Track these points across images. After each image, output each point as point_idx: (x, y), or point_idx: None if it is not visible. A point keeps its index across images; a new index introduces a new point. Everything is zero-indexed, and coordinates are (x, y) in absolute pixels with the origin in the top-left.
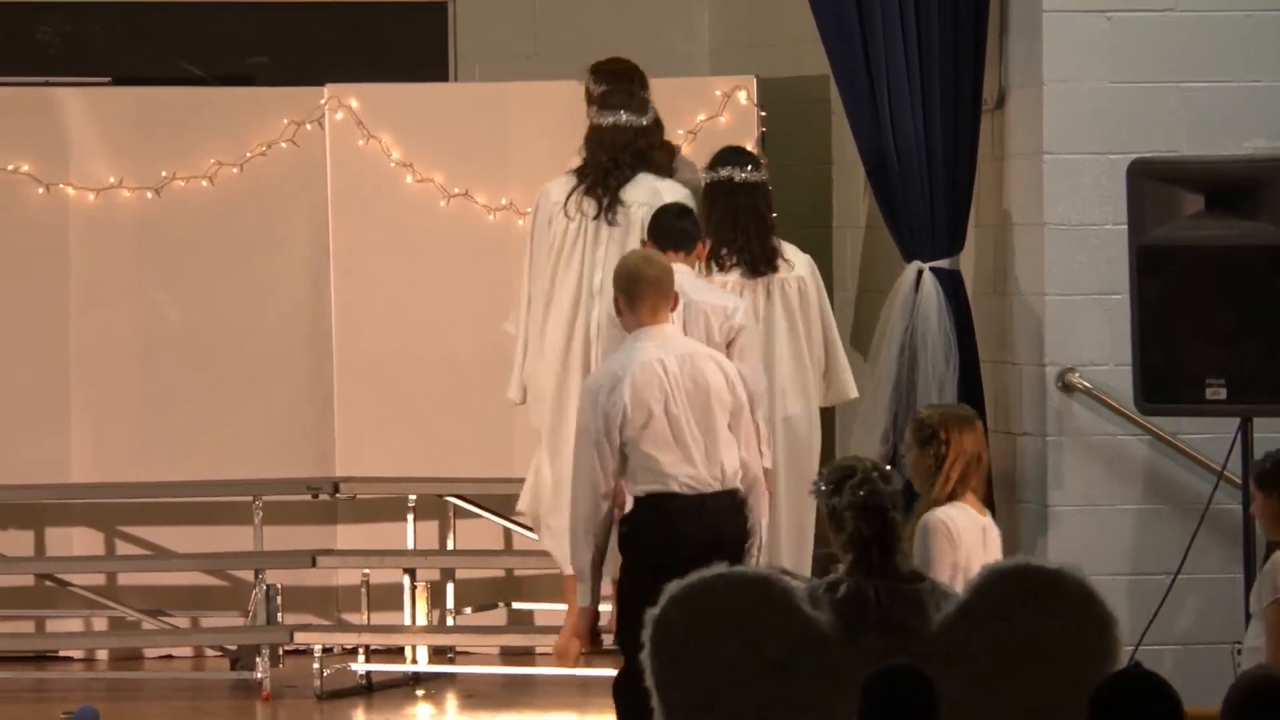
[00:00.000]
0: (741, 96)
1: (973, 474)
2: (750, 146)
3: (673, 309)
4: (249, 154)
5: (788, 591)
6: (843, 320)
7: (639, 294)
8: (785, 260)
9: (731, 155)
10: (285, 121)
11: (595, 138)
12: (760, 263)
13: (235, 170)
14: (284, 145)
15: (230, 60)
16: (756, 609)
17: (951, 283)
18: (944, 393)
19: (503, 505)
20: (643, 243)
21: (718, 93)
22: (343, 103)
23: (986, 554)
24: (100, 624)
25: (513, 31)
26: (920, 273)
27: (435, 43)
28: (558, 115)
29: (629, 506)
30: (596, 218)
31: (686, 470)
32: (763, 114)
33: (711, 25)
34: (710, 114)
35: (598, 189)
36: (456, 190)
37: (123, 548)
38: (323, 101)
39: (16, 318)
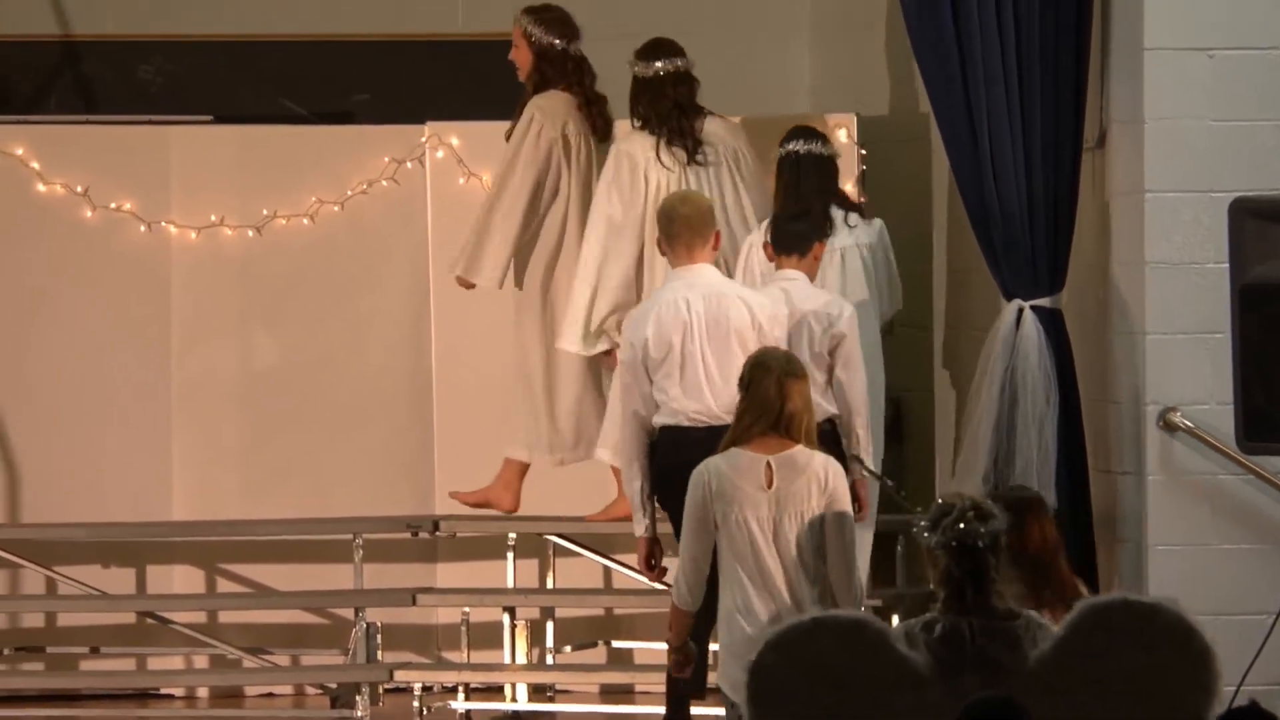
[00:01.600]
0: (842, 134)
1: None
2: (850, 184)
3: (714, 247)
4: (350, 192)
5: (883, 633)
6: (945, 360)
7: (674, 232)
8: (850, 228)
9: (798, 132)
10: (386, 159)
11: (653, 88)
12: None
13: (336, 208)
14: (385, 183)
15: (332, 98)
16: (852, 651)
17: (1052, 321)
18: (1044, 432)
19: (603, 543)
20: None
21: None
22: (443, 140)
23: None
24: (201, 661)
25: (612, 69)
26: (1021, 311)
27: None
28: None
29: None
30: (689, 164)
31: (694, 405)
32: (863, 151)
33: (812, 63)
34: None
35: (679, 136)
36: None
37: (224, 585)
38: (423, 139)
39: (119, 355)
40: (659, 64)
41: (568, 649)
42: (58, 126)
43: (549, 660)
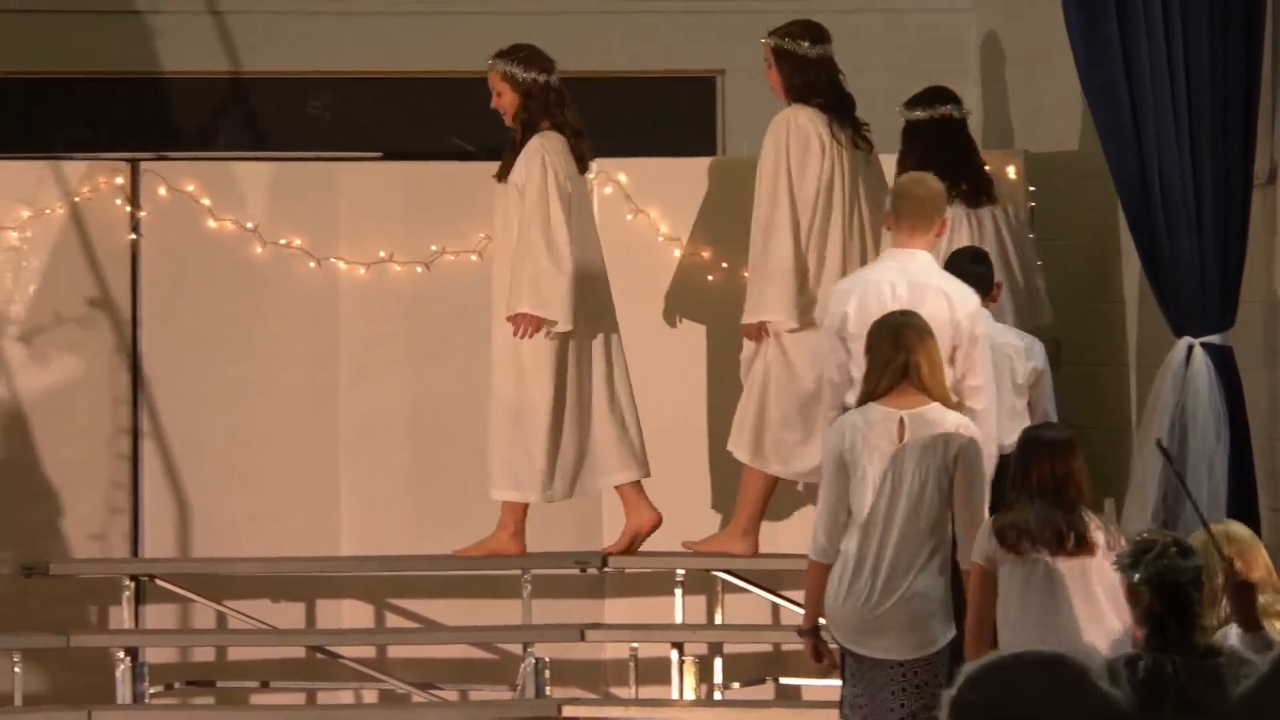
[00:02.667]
0: (1010, 171)
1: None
2: (1018, 221)
3: (939, 234)
4: None
5: (1084, 669)
6: (1115, 396)
7: (901, 210)
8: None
9: (926, 95)
10: None
11: (825, 67)
12: (981, 194)
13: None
14: None
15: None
16: (1052, 688)
17: (1222, 358)
18: (1214, 469)
19: (771, 580)
20: None
21: (986, 168)
22: (611, 177)
23: None
24: (370, 696)
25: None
26: (1190, 348)
27: (703, 116)
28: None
29: None
30: (856, 146)
31: None
32: (1031, 188)
33: (981, 100)
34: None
35: (846, 116)
36: (724, 264)
37: (392, 620)
38: (591, 176)
39: (288, 390)
40: (826, 49)
41: (735, 685)
42: (228, 163)
43: (717, 696)
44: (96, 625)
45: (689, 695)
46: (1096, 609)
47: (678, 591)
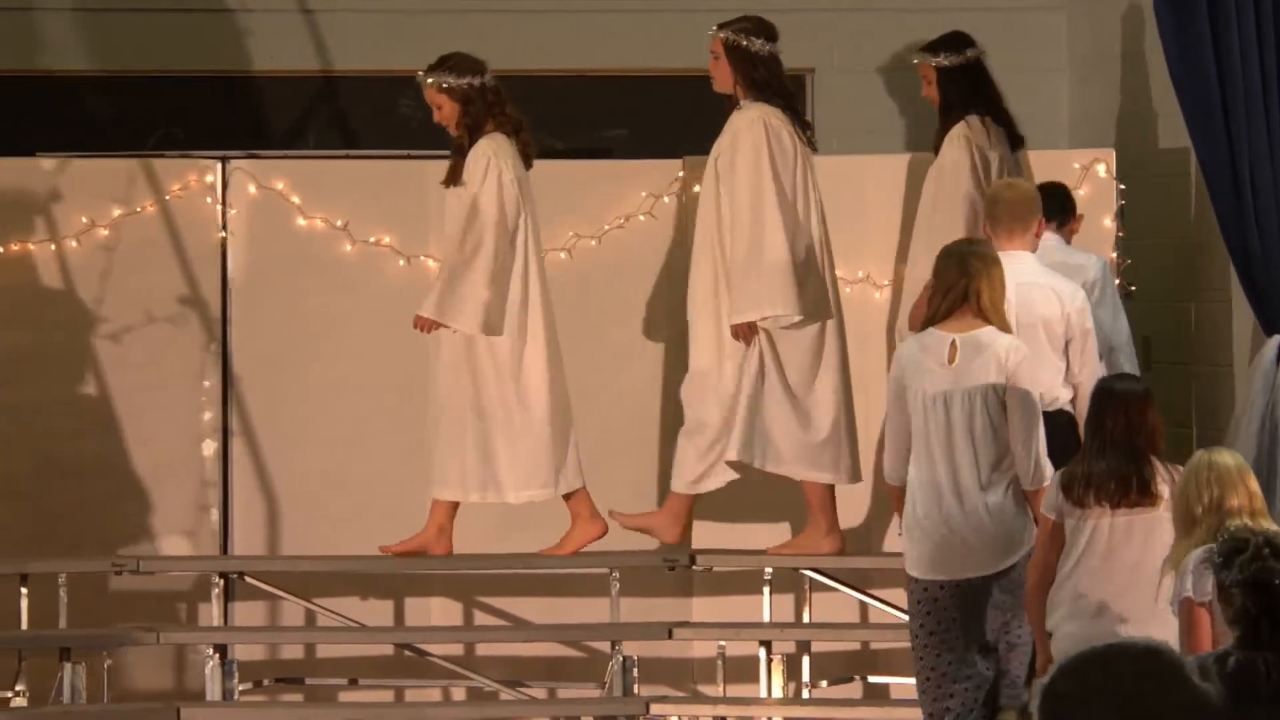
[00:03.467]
0: (1100, 169)
1: None
2: (1109, 220)
3: (1037, 234)
4: (607, 226)
5: (1177, 663)
6: (1206, 395)
7: (996, 215)
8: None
9: (951, 40)
10: (643, 194)
11: (776, 66)
12: (1017, 136)
13: (593, 242)
14: (641, 218)
15: (589, 133)
16: (1146, 680)
17: None
18: None
19: (859, 578)
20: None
21: (1076, 165)
22: (697, 176)
23: None
24: (459, 694)
25: (869, 104)
26: None
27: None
28: (915, 187)
29: None
30: (806, 145)
31: None
32: (1121, 187)
33: (1071, 98)
34: (1069, 187)
35: (799, 116)
36: None
37: (480, 618)
38: (679, 174)
39: (377, 387)
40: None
41: (824, 684)
42: (318, 161)
43: (805, 695)
44: (186, 622)
45: (777, 694)
46: (1158, 563)
47: (766, 590)
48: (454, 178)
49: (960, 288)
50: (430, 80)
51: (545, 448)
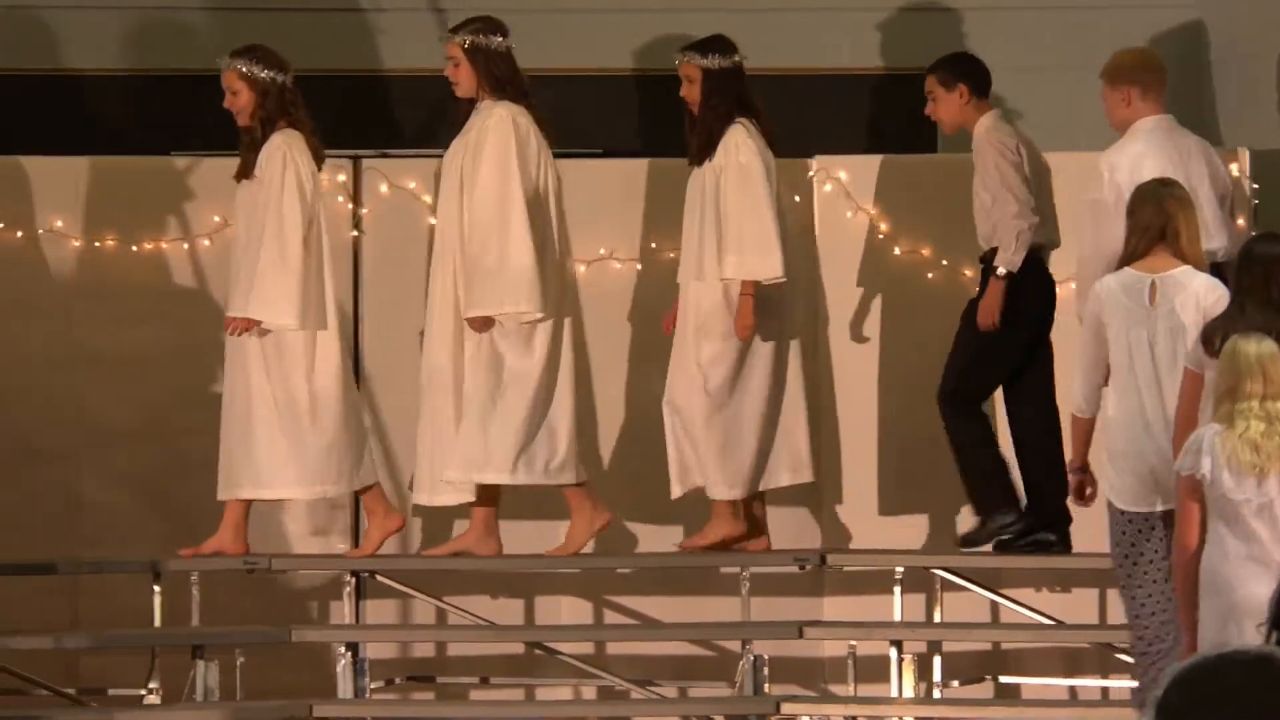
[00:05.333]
0: (1234, 168)
1: None
2: (1241, 219)
3: None
4: None
5: None
6: None
7: (1149, 81)
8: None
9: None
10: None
11: (513, 63)
12: None
13: None
14: None
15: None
16: (1261, 689)
17: None
18: None
19: (990, 578)
20: None
21: None
22: (831, 174)
23: None
24: (589, 693)
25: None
26: None
27: (921, 114)
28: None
29: None
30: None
31: None
32: (1255, 186)
33: (1203, 96)
34: None
35: (541, 111)
36: (944, 262)
37: (610, 617)
38: (811, 174)
39: None
40: None
41: (955, 684)
42: None
43: (935, 694)
44: (318, 620)
45: (908, 693)
46: None
47: (897, 589)
48: (246, 171)
49: (1157, 227)
50: (234, 65)
51: (341, 443)
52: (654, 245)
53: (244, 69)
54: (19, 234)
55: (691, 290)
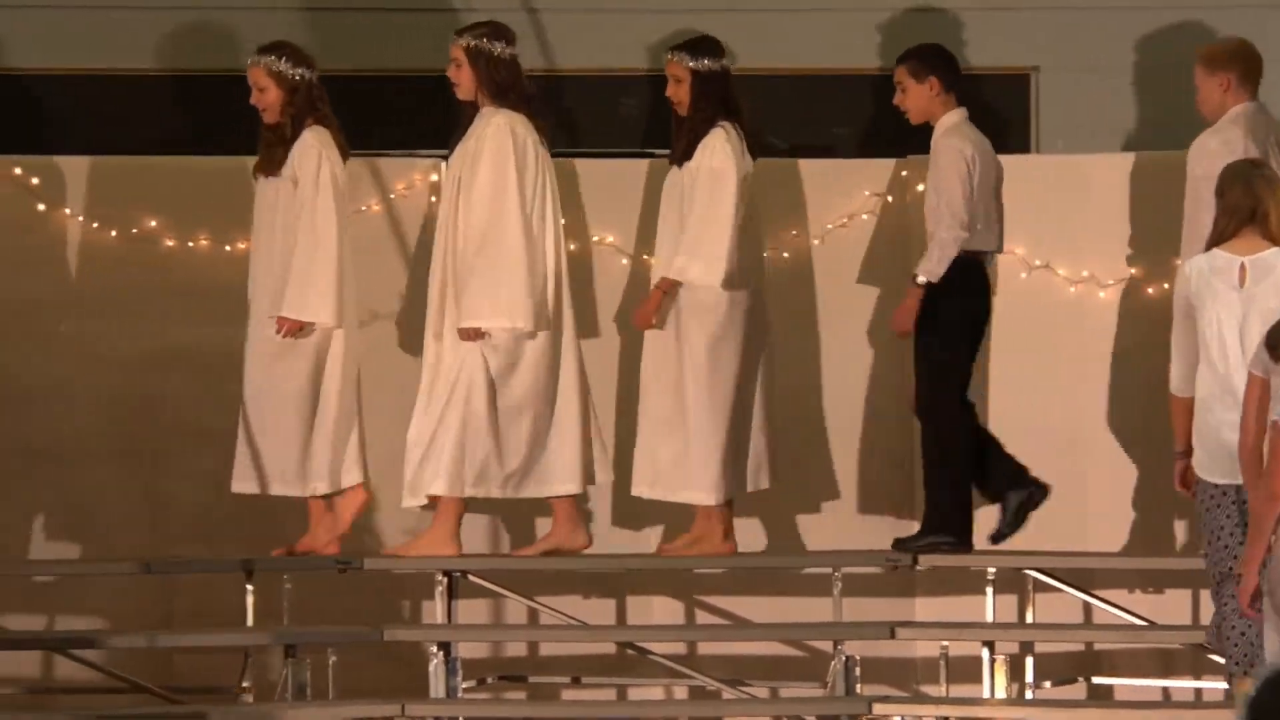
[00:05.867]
0: None
1: None
2: None
3: None
4: (830, 225)
5: None
6: None
7: (1248, 71)
8: None
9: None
10: (866, 193)
11: (518, 70)
12: None
13: (816, 242)
14: (864, 217)
15: (812, 131)
16: None
17: None
18: None
19: (1083, 579)
20: None
21: None
22: (922, 175)
23: None
24: (680, 693)
25: (1095, 103)
26: None
27: (1018, 114)
28: (1140, 187)
29: None
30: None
31: None
32: None
33: None
34: None
35: (541, 120)
36: (1038, 262)
37: (702, 617)
38: (903, 174)
39: (605, 382)
40: None
41: (1047, 684)
42: None
43: (1028, 695)
44: (410, 620)
45: (1000, 694)
46: None
47: (989, 590)
48: (273, 167)
49: (1247, 209)
50: (262, 62)
51: (340, 441)
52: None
53: (273, 66)
54: (112, 233)
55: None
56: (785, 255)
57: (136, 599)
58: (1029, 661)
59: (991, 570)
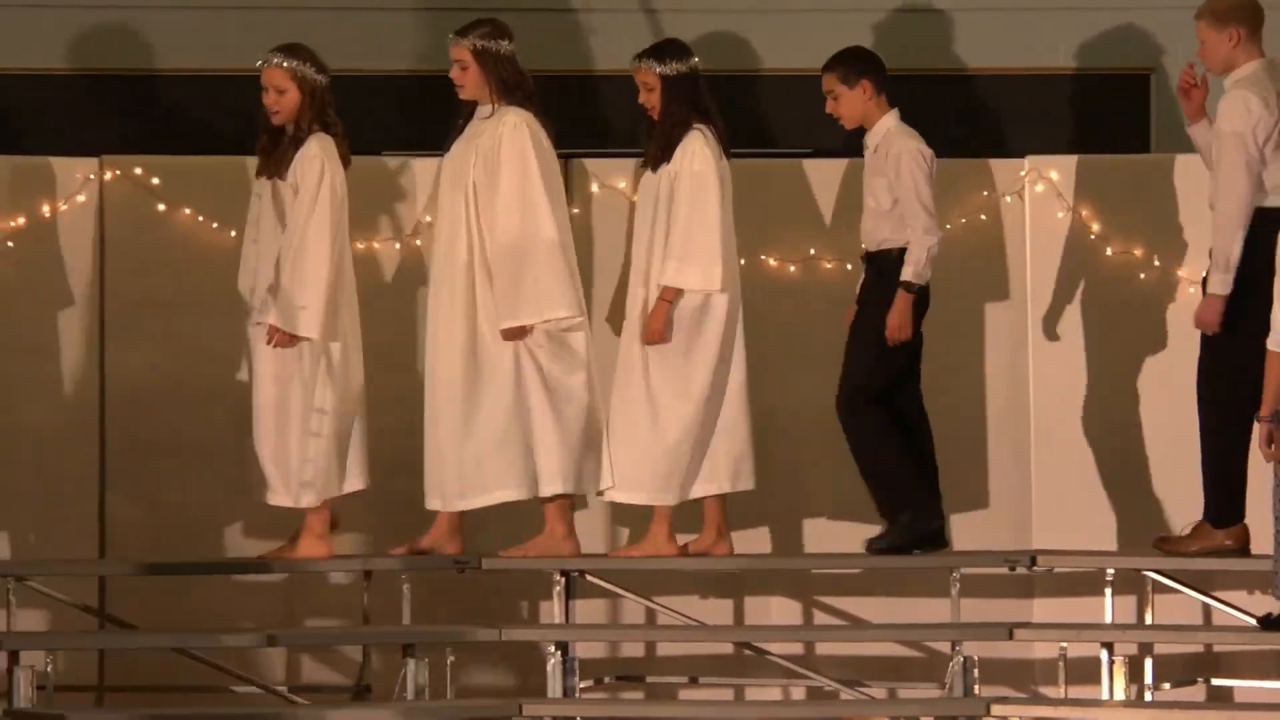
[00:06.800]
0: None
1: None
2: None
3: None
4: (949, 225)
5: None
6: None
7: (1256, 21)
8: None
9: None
10: (985, 193)
11: (519, 66)
12: None
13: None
14: (984, 217)
15: (931, 131)
16: None
17: None
18: None
19: (1202, 580)
20: None
21: None
22: (1043, 175)
23: None
24: (798, 693)
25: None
26: None
27: (1136, 114)
28: None
29: None
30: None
31: None
32: None
33: None
34: None
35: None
36: (1156, 263)
37: (819, 617)
38: (1023, 173)
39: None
40: None
41: (1166, 686)
42: None
43: (1147, 697)
44: (528, 619)
45: (1119, 696)
46: None
47: (1107, 591)
48: (277, 169)
49: None
50: (284, 63)
51: (340, 453)
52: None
53: (295, 68)
54: (232, 233)
55: (643, 295)
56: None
57: (256, 598)
58: (1148, 663)
59: (1110, 571)
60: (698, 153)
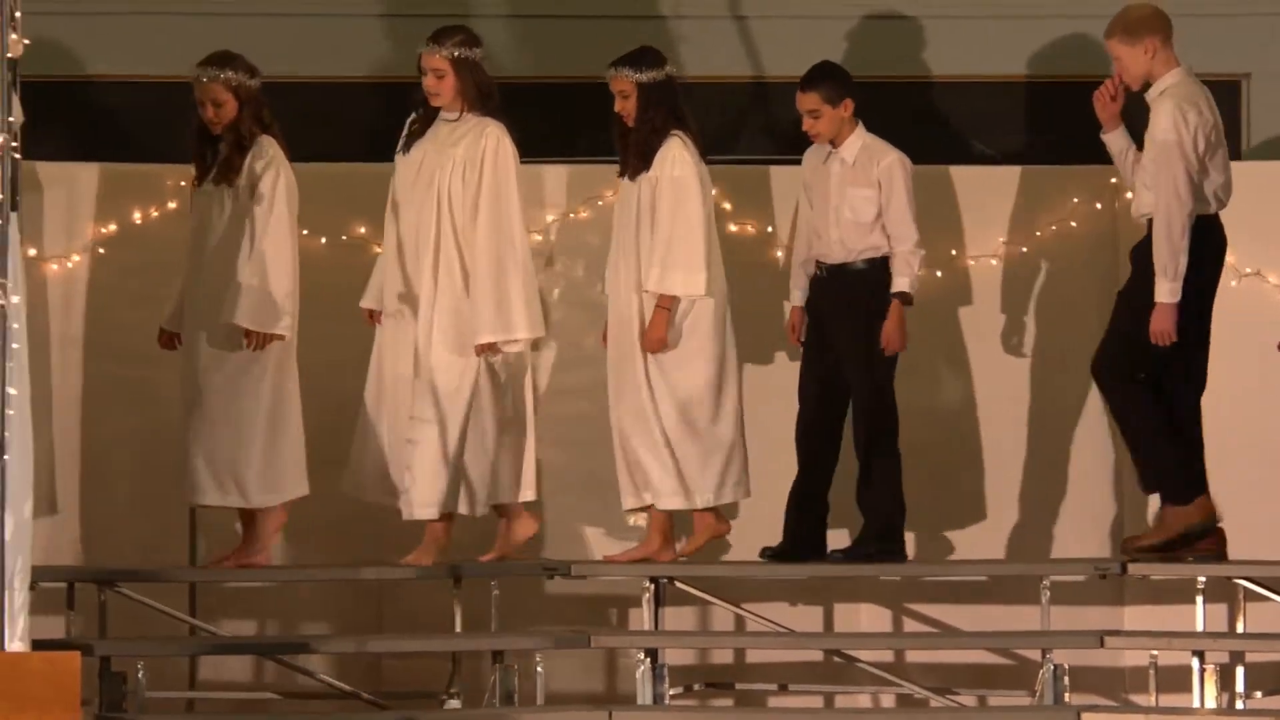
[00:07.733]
0: None
1: None
2: None
3: None
4: (1038, 233)
5: None
6: None
7: (1168, 31)
8: None
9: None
10: (1074, 200)
11: (488, 74)
12: None
13: (1023, 250)
14: (1073, 224)
15: (1015, 138)
16: None
17: None
18: None
19: None
20: None
21: None
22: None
23: None
24: (888, 701)
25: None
26: None
27: (1228, 120)
28: None
29: None
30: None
31: None
32: None
33: None
34: None
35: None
36: (1248, 270)
37: (909, 625)
38: (1113, 180)
39: (762, 382)
40: None
41: (1258, 695)
42: (749, 167)
43: (1239, 706)
44: (617, 626)
45: (1210, 704)
46: None
47: (1199, 599)
48: (225, 175)
49: None
50: (219, 76)
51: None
52: (953, 252)
53: (231, 79)
54: (322, 240)
55: (637, 303)
56: (994, 263)
57: (346, 604)
58: (1239, 671)
59: (1202, 579)
60: (678, 158)
